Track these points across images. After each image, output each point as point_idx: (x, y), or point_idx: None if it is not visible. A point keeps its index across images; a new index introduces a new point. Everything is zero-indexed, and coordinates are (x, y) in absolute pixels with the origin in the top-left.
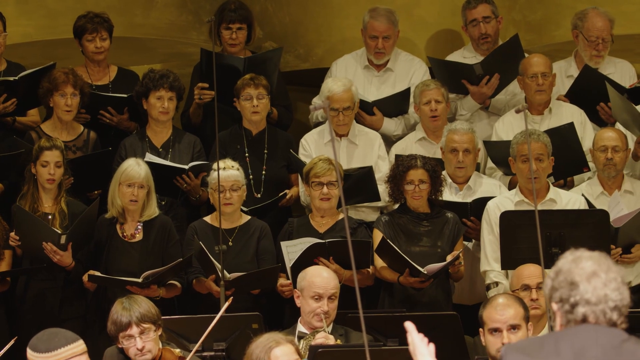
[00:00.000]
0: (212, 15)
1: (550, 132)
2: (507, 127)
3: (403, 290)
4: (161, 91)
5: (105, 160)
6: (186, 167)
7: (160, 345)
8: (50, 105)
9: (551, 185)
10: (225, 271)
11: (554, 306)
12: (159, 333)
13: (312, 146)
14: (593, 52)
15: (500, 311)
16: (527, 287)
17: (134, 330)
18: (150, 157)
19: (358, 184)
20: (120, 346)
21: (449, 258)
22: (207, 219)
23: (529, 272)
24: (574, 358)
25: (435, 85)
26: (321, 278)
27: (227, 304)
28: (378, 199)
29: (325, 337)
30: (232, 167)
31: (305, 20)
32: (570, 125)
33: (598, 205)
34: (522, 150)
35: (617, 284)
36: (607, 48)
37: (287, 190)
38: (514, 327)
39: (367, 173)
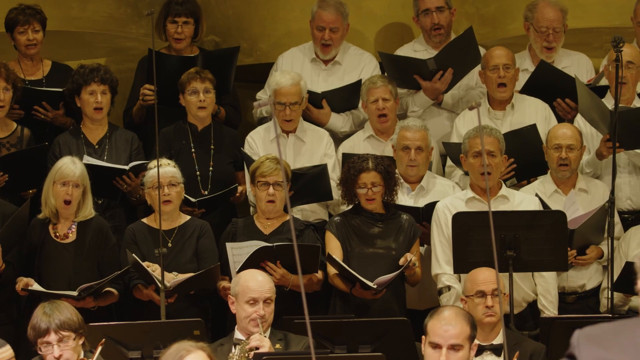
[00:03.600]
0: (151, 8)
1: (512, 134)
2: (468, 123)
3: (354, 296)
4: (93, 85)
5: (41, 156)
6: (126, 167)
7: (82, 355)
8: None
9: (503, 184)
10: (165, 273)
11: (639, 284)
12: (81, 342)
13: (259, 143)
14: (544, 43)
15: (444, 327)
16: (482, 294)
17: (52, 337)
18: (89, 159)
19: (311, 183)
20: (39, 353)
21: (401, 262)
22: (145, 220)
23: (484, 277)
24: None
25: (383, 83)
26: (256, 282)
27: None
28: (330, 198)
29: (259, 340)
30: (169, 164)
31: (248, 13)
32: (533, 127)
33: (551, 204)
34: (474, 146)
35: None
36: (560, 39)
37: (238, 185)
38: (454, 347)
39: (320, 172)
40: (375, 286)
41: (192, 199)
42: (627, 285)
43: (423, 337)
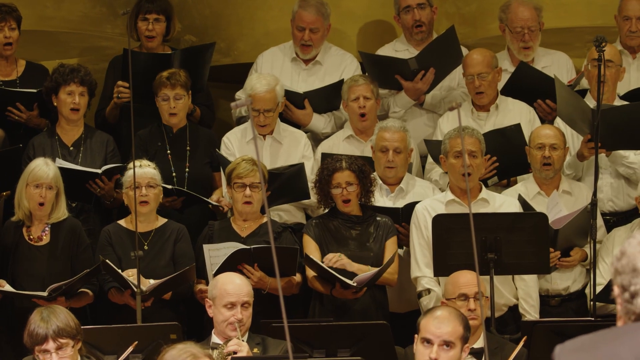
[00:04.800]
0: (127, 8)
1: (495, 133)
2: (452, 124)
3: (334, 298)
4: (72, 86)
5: (15, 158)
6: (99, 171)
7: None
8: None
9: (483, 187)
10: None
11: (615, 291)
12: (78, 347)
13: (235, 144)
14: (520, 43)
15: (437, 324)
16: (464, 297)
17: (50, 345)
18: (61, 162)
19: (289, 182)
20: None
21: (327, 261)
22: (122, 222)
23: (466, 280)
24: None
25: (365, 81)
26: (233, 285)
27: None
28: (308, 197)
29: (237, 344)
30: (149, 165)
31: (226, 12)
32: (517, 127)
33: (534, 205)
34: (455, 146)
35: None
36: (537, 38)
37: (219, 200)
38: (447, 344)
39: (298, 171)
40: (355, 284)
41: (169, 186)
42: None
43: (415, 335)
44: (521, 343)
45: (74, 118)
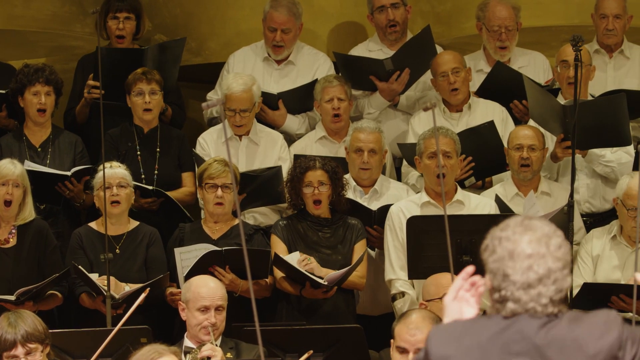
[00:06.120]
0: (96, 6)
1: (469, 132)
2: (424, 124)
3: (301, 299)
4: (37, 86)
5: None
6: (68, 173)
7: None
8: None
9: (459, 188)
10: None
11: (487, 282)
12: (47, 352)
13: (211, 145)
14: (497, 42)
15: (411, 331)
16: None
17: (19, 350)
18: (30, 164)
19: (265, 185)
20: None
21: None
22: (93, 224)
23: (448, 281)
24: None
25: (339, 82)
26: (207, 288)
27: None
28: (283, 201)
29: (211, 349)
30: (119, 166)
31: (197, 11)
32: (490, 124)
33: (513, 207)
34: (429, 146)
35: (555, 276)
36: (514, 38)
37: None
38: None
39: (275, 174)
40: (326, 283)
41: (149, 187)
42: (585, 304)
43: (391, 340)
44: None
45: (41, 120)
